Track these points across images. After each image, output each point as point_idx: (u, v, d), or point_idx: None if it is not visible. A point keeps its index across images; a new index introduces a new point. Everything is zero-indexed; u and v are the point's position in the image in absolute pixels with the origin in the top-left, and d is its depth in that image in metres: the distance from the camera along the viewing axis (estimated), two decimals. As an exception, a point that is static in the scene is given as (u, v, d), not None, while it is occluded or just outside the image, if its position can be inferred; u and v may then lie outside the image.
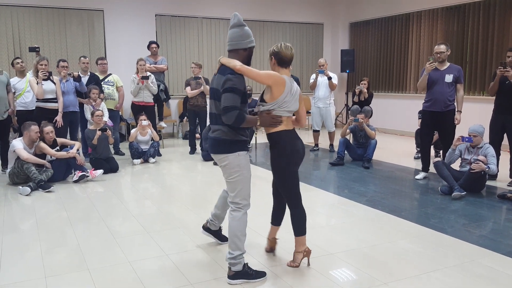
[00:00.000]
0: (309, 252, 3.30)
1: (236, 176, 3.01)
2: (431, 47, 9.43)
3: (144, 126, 7.26)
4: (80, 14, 9.39)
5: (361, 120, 7.06)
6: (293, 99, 3.11)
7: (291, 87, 3.09)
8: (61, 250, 3.65)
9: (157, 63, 8.86)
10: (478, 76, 8.70)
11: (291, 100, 3.08)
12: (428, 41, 9.75)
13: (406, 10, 10.22)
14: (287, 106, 3.08)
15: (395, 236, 3.95)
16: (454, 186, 5.16)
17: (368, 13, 11.31)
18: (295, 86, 3.14)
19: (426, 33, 9.81)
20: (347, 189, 5.61)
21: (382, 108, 10.69)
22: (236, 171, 3.00)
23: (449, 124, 5.76)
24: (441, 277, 3.13)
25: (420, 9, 9.86)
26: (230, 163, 3.00)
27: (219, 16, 10.77)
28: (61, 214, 4.64)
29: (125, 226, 4.25)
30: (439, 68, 5.72)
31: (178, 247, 3.69)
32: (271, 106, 3.06)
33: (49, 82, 6.30)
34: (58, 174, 5.98)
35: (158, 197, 5.34)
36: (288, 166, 3.14)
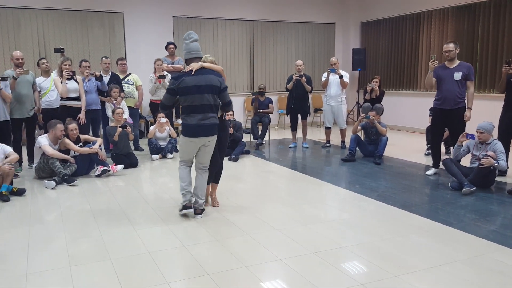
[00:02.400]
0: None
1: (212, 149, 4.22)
2: (442, 46, 9.27)
3: (162, 124, 7.31)
4: (101, 16, 9.48)
5: (372, 117, 7.01)
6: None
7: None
8: (85, 241, 3.70)
9: (175, 63, 8.90)
10: (488, 74, 8.57)
11: None
12: (438, 40, 9.62)
13: (416, 10, 10.10)
14: None
15: (405, 230, 3.92)
16: (464, 182, 5.10)
17: (379, 13, 11.21)
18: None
19: (436, 32, 9.68)
20: (358, 184, 5.58)
21: (393, 105, 10.60)
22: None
23: (459, 122, 5.68)
24: (451, 271, 3.10)
25: (431, 9, 9.74)
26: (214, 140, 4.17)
27: (234, 17, 10.78)
28: (84, 206, 4.70)
29: (144, 218, 4.29)
30: (448, 66, 5.65)
31: (196, 239, 3.71)
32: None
33: (72, 82, 6.39)
34: (81, 169, 6.05)
35: (175, 191, 5.37)
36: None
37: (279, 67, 11.52)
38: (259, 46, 11.23)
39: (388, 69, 11.14)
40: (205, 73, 4.06)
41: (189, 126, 4.05)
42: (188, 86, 3.99)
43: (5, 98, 5.89)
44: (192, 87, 3.98)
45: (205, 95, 4.00)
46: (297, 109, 8.14)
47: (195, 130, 4.04)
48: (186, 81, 4.00)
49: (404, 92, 10.64)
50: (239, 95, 11.02)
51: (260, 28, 11.18)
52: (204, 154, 4.21)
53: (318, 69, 11.89)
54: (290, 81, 8.01)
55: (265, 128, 8.46)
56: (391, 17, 10.85)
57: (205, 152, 4.19)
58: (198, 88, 3.99)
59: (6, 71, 6.30)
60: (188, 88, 3.99)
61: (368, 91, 8.25)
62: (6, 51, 8.68)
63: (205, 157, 4.23)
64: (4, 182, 5.01)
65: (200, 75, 4.02)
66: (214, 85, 4.05)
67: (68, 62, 6.34)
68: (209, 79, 4.04)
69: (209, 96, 4.02)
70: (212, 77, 4.06)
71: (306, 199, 4.92)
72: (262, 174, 6.27)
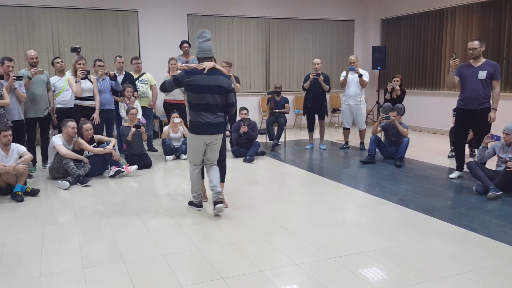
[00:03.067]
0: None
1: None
2: (466, 44, 9.16)
3: (176, 124, 7.36)
4: (115, 15, 9.59)
5: (392, 117, 6.94)
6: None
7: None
8: (98, 242, 3.75)
9: (189, 62, 8.93)
10: (515, 73, 8.43)
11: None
12: (462, 37, 9.49)
13: (439, 6, 9.97)
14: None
15: (427, 235, 3.87)
16: (489, 185, 5.02)
17: (400, 9, 11.10)
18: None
19: (460, 29, 9.55)
20: (378, 187, 5.53)
21: (415, 105, 10.48)
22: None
23: (483, 123, 5.58)
24: (475, 278, 3.05)
25: (455, 5, 9.61)
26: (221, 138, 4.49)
27: (250, 15, 10.80)
28: (98, 207, 4.76)
29: (158, 219, 4.33)
30: (473, 64, 5.56)
31: (210, 242, 3.73)
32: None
33: (86, 81, 6.47)
34: (95, 169, 6.13)
35: (189, 192, 5.38)
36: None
37: (296, 66, 11.50)
38: (275, 45, 11.23)
39: (409, 67, 11.02)
40: (216, 73, 4.33)
41: (198, 124, 4.32)
42: (199, 85, 4.24)
43: (19, 98, 6.00)
44: (203, 87, 4.25)
45: (215, 95, 4.29)
46: (314, 109, 8.11)
47: (205, 128, 4.31)
48: (198, 80, 4.25)
49: (427, 91, 10.52)
50: (254, 94, 11.04)
51: (276, 26, 11.18)
52: (212, 152, 4.49)
53: (336, 67, 11.83)
54: (307, 80, 7.99)
55: (281, 129, 8.45)
56: (413, 13, 10.74)
57: (212, 150, 4.48)
58: (208, 88, 4.26)
59: (20, 71, 6.42)
60: (199, 87, 4.25)
61: (389, 90, 8.18)
62: (21, 50, 8.84)
63: (214, 154, 4.52)
64: (18, 182, 5.11)
65: (212, 75, 4.28)
66: (223, 86, 4.34)
67: (82, 61, 6.44)
68: (219, 80, 4.32)
69: (218, 96, 4.31)
70: (222, 79, 4.35)
71: (324, 203, 4.90)
72: (278, 176, 6.26)
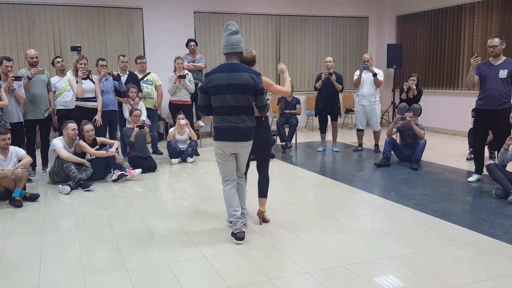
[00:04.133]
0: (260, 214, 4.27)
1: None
2: (485, 41, 9.11)
3: (182, 125, 7.38)
4: (119, 12, 9.66)
5: (408, 118, 6.90)
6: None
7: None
8: (100, 249, 3.76)
9: (196, 61, 8.98)
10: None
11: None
12: (482, 34, 9.42)
13: (458, 2, 9.91)
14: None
15: (445, 242, 3.84)
16: (510, 189, 4.97)
17: (416, 5, 11.05)
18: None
19: (479, 26, 9.47)
20: (393, 191, 5.50)
21: (432, 105, 10.42)
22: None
23: (504, 124, 5.53)
24: (495, 286, 3.01)
25: (473, 0, 9.54)
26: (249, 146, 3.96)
27: (259, 12, 10.81)
28: (100, 213, 4.78)
29: (163, 226, 4.33)
30: (493, 63, 5.52)
31: (217, 249, 3.73)
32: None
33: (88, 81, 6.50)
34: (98, 173, 6.17)
35: (196, 197, 5.41)
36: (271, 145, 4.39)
37: (307, 64, 11.48)
38: (286, 42, 11.23)
39: (426, 66, 10.96)
40: (239, 69, 3.72)
41: (221, 129, 3.81)
42: (217, 85, 3.73)
43: (18, 99, 6.05)
44: (222, 86, 3.72)
45: (238, 95, 3.71)
46: (327, 109, 8.10)
47: (229, 133, 3.78)
48: (214, 79, 3.74)
49: (444, 91, 10.44)
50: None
51: (287, 23, 11.18)
52: (239, 162, 4.01)
53: (349, 66, 11.80)
54: (319, 80, 7.98)
55: (292, 130, 8.44)
56: (430, 9, 10.68)
57: (239, 160, 3.98)
58: (228, 88, 3.71)
59: (20, 71, 6.48)
60: (217, 87, 3.73)
61: (405, 90, 8.14)
62: (20, 49, 8.94)
63: (242, 164, 4.03)
64: (17, 187, 5.14)
65: (233, 72, 3.71)
66: (248, 84, 3.72)
67: (83, 60, 6.47)
68: (243, 78, 3.70)
69: (242, 96, 3.73)
70: (246, 76, 3.71)
71: (336, 207, 4.88)
72: (289, 179, 6.24)
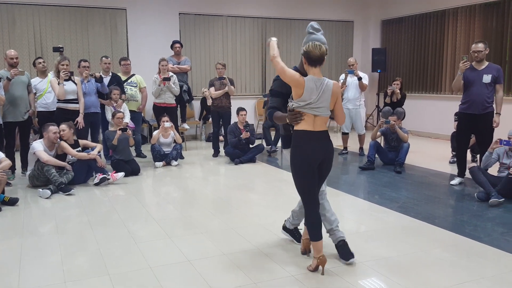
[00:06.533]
0: (323, 261, 3.24)
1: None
2: (468, 46, 9.24)
3: (166, 128, 7.34)
4: (102, 13, 9.59)
5: (392, 122, 6.97)
6: (320, 99, 3.18)
7: (314, 88, 3.17)
8: (81, 255, 3.72)
9: (181, 63, 8.96)
10: (519, 76, 8.49)
11: (316, 100, 3.17)
12: (464, 39, 9.57)
13: (441, 7, 10.05)
14: (310, 106, 3.17)
15: (428, 244, 3.88)
16: (492, 192, 5.05)
17: (401, 10, 11.18)
18: (323, 86, 3.20)
19: (462, 31, 9.63)
20: (377, 194, 5.55)
21: (415, 109, 10.53)
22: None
23: (487, 128, 5.63)
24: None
25: (457, 6, 9.69)
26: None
27: (245, 15, 10.82)
28: (82, 217, 4.73)
29: (146, 230, 4.30)
30: (477, 68, 5.61)
31: (201, 253, 3.71)
32: (295, 103, 3.20)
33: (70, 83, 6.43)
34: (79, 177, 6.09)
35: (180, 201, 5.39)
36: (295, 167, 3.28)
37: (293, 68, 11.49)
38: (271, 45, 11.22)
39: (410, 70, 11.08)
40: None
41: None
42: None
43: (-3, 100, 5.95)
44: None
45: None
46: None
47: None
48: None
49: (428, 95, 10.57)
50: (249, 97, 11.05)
51: (273, 26, 11.22)
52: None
53: (335, 70, 11.87)
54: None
55: (278, 133, 8.46)
56: (414, 14, 10.81)
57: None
58: None
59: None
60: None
61: (389, 94, 8.22)
62: (0, 49, 8.80)
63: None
64: (-4, 190, 5.06)
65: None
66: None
67: (65, 61, 6.40)
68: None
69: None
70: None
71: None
72: (275, 183, 6.26)
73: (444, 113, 9.85)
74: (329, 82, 3.24)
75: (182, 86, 8.66)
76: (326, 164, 3.30)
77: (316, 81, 3.18)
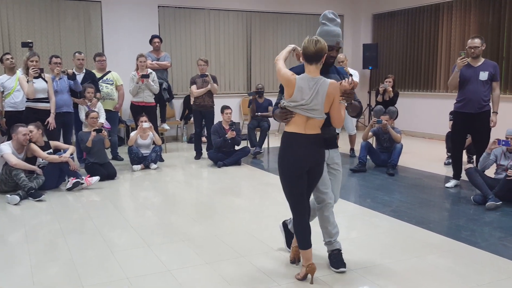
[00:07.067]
0: (312, 269, 3.21)
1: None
2: (464, 41, 9.37)
3: (144, 129, 7.30)
4: (75, 5, 9.50)
5: (385, 121, 7.02)
6: (313, 101, 3.09)
7: (306, 87, 3.09)
8: (53, 265, 3.68)
9: (160, 59, 8.92)
10: (516, 73, 8.63)
11: (309, 102, 3.09)
12: (460, 34, 9.68)
13: (435, 0, 10.16)
14: (303, 108, 3.11)
15: (422, 250, 3.91)
16: (489, 195, 5.11)
17: (393, 4, 11.27)
18: (317, 86, 3.10)
19: (457, 26, 9.74)
20: (369, 198, 5.58)
21: (408, 108, 10.62)
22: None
23: (484, 127, 5.70)
24: (475, 297, 3.09)
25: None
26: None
27: (229, 8, 10.82)
28: (53, 225, 4.67)
29: (123, 238, 4.27)
30: (473, 64, 5.67)
31: (182, 262, 3.70)
32: (286, 102, 3.15)
33: (40, 80, 6.36)
34: (50, 182, 6.02)
35: (160, 206, 5.36)
36: (282, 171, 3.24)
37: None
38: (257, 41, 11.27)
39: (403, 67, 11.18)
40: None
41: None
42: None
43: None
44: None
45: None
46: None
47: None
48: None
49: (421, 93, 10.68)
50: (234, 96, 11.05)
51: (259, 20, 11.23)
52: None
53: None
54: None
55: (264, 134, 8.47)
56: (407, 8, 10.91)
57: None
58: None
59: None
60: None
61: (381, 92, 8.28)
62: (-35, 45, 8.68)
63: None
64: (-39, 196, 4.98)
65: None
66: None
67: (35, 58, 6.32)
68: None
69: None
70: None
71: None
72: (260, 187, 6.26)
73: (438, 112, 9.95)
74: (324, 81, 3.13)
75: (162, 83, 8.61)
76: (317, 170, 3.23)
77: (309, 80, 3.11)
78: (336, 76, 3.42)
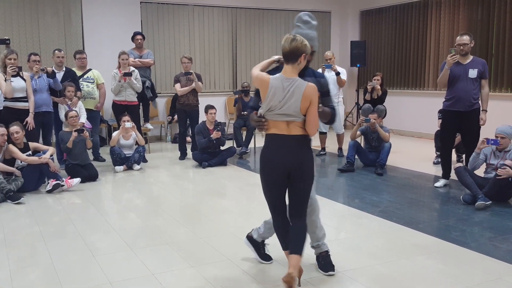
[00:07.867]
0: (288, 280, 2.99)
1: None
2: (452, 38, 9.44)
3: (127, 129, 7.26)
4: (54, 1, 9.41)
5: (373, 120, 7.07)
6: (286, 104, 3.02)
7: (280, 88, 3.01)
8: (33, 270, 3.65)
9: (143, 57, 8.88)
10: (505, 71, 8.72)
11: (281, 106, 3.02)
12: (448, 31, 9.77)
13: (424, -4, 10.26)
14: (274, 112, 3.05)
15: (412, 251, 3.95)
16: (478, 194, 5.16)
17: (381, 0, 11.32)
18: (291, 87, 3.02)
19: (446, 23, 9.83)
20: (358, 198, 5.61)
21: (397, 107, 10.69)
22: None
23: (473, 125, 5.76)
24: (465, 298, 3.13)
25: (440, -5, 9.91)
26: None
27: (213, 4, 10.79)
28: (33, 228, 4.64)
29: (105, 242, 4.25)
30: (462, 62, 5.73)
31: (166, 266, 3.69)
32: (262, 108, 3.11)
33: (18, 79, 6.32)
34: (30, 184, 5.98)
35: (143, 209, 5.34)
36: (262, 172, 3.24)
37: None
38: (243, 38, 11.26)
39: (391, 65, 11.26)
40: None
41: None
42: None
43: None
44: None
45: None
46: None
47: None
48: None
49: (410, 91, 10.76)
50: (219, 94, 11.03)
51: (244, 17, 11.22)
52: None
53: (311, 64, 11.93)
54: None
55: (250, 134, 8.48)
56: (395, 4, 10.98)
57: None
58: None
59: None
60: None
61: (369, 90, 8.33)
62: None
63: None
64: None
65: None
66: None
67: (13, 55, 6.28)
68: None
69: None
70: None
71: (297, 217, 4.92)
72: (247, 188, 6.27)
73: (427, 110, 10.02)
74: (300, 83, 3.02)
75: (145, 82, 8.58)
76: (298, 174, 3.12)
77: (283, 81, 3.02)
78: (313, 78, 3.37)
